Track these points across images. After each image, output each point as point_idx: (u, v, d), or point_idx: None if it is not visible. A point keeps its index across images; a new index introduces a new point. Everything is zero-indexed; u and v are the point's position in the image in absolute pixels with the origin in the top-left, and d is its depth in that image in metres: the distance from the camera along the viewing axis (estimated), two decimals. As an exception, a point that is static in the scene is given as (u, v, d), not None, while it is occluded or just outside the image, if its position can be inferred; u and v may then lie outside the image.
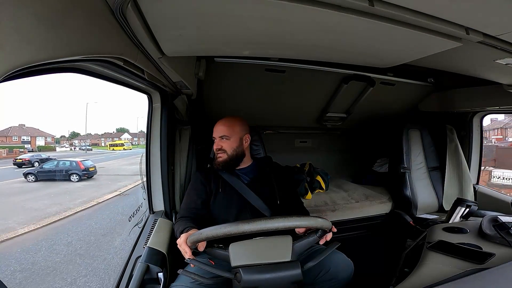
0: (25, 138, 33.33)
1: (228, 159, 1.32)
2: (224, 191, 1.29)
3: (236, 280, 0.87)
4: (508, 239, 1.03)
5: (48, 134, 38.22)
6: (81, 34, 0.57)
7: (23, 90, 55.49)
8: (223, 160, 1.32)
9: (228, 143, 1.33)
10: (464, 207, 1.50)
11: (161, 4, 0.67)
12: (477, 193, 2.07)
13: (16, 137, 31.49)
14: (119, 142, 31.40)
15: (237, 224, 0.85)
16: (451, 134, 2.11)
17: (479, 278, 0.81)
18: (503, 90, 1.53)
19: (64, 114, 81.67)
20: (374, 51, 1.06)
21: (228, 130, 1.33)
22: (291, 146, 2.53)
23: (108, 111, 78.42)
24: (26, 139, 33.23)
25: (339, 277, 1.09)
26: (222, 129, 1.34)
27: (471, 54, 1.06)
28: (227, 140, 1.33)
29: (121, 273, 1.09)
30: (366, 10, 0.71)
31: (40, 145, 30.07)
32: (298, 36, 0.89)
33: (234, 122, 1.36)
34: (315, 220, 0.91)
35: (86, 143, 36.66)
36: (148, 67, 0.99)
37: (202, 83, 1.61)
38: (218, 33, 0.87)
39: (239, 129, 1.35)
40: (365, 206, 2.04)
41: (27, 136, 33.70)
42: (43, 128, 43.18)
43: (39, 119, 70.00)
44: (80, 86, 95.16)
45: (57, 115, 77.43)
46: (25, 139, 33.19)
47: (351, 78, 1.79)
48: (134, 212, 1.71)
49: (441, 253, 1.03)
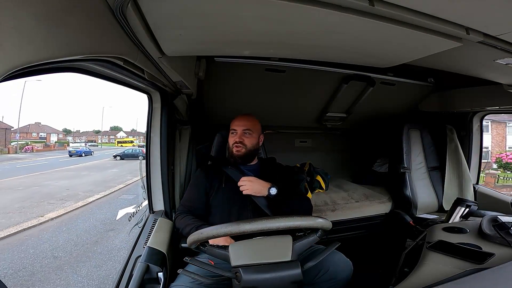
0: (42, 134, 34.90)
1: (246, 154, 1.34)
2: (227, 186, 1.30)
3: (236, 280, 0.87)
4: (508, 239, 1.03)
5: (60, 131, 39.69)
6: (81, 34, 0.57)
7: (21, 90, 55.72)
8: (241, 153, 1.33)
9: (249, 138, 1.35)
10: (464, 207, 1.50)
11: (161, 3, 0.67)
12: (477, 193, 2.07)
13: (35, 133, 33.05)
14: (128, 139, 37.50)
15: (238, 224, 0.85)
16: (451, 134, 2.11)
17: (479, 278, 0.81)
18: (503, 90, 1.53)
19: (60, 112, 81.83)
20: (374, 51, 1.06)
21: (252, 125, 1.36)
22: (291, 146, 2.53)
23: (101, 110, 79.14)
24: (43, 135, 34.76)
25: (338, 277, 1.09)
26: (246, 123, 1.36)
27: (471, 54, 1.06)
28: (250, 135, 1.35)
29: (121, 273, 1.09)
30: (366, 10, 0.71)
31: (57, 141, 32.71)
32: (298, 36, 0.89)
33: (255, 120, 1.39)
34: (315, 220, 0.91)
35: (81, 140, 38.55)
36: (148, 67, 0.99)
37: (202, 83, 1.61)
38: (218, 33, 0.87)
39: (258, 127, 1.39)
40: (365, 206, 2.04)
41: (43, 132, 35.16)
42: (53, 126, 44.07)
43: (38, 117, 70.35)
44: (74, 85, 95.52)
45: (54, 112, 77.58)
46: (42, 135, 34.76)
47: (351, 78, 1.79)
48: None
49: (441, 253, 1.03)
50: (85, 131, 48.29)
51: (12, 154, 23.48)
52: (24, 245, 4.44)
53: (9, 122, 30.65)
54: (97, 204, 7.06)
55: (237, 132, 1.35)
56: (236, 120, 1.38)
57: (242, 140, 1.33)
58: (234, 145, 1.34)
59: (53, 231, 5.05)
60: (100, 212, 6.31)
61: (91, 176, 11.12)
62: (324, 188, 2.18)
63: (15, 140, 27.83)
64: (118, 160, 17.56)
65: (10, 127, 27.76)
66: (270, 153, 1.63)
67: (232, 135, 1.37)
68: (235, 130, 1.35)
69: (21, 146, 26.36)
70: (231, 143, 1.36)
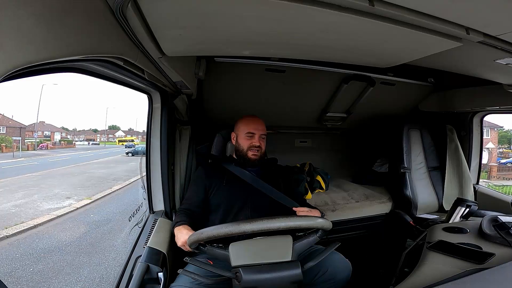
0: (47, 133, 35.67)
1: (261, 157, 1.37)
2: (229, 185, 1.30)
3: (236, 280, 0.87)
4: (508, 239, 1.03)
5: (62, 129, 40.48)
6: (81, 34, 0.57)
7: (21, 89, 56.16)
8: (258, 157, 1.35)
9: (264, 142, 1.38)
10: (464, 207, 1.50)
11: (161, 4, 0.67)
12: (477, 193, 2.07)
13: (40, 132, 33.76)
14: (129, 138, 40.01)
15: (238, 224, 0.85)
16: (451, 134, 2.11)
17: (479, 278, 0.81)
18: (503, 90, 1.53)
19: (57, 110, 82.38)
20: (374, 51, 1.06)
21: (265, 130, 1.38)
22: (291, 146, 2.53)
23: (97, 109, 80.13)
24: (47, 134, 35.53)
25: (337, 278, 1.09)
26: (263, 128, 1.38)
27: (471, 54, 1.06)
28: (264, 139, 1.38)
29: (121, 273, 1.09)
30: (366, 10, 0.71)
31: (61, 139, 33.89)
32: (298, 36, 0.89)
33: (263, 122, 1.40)
34: (315, 220, 0.91)
35: (79, 138, 39.54)
36: (148, 67, 0.99)
37: (202, 83, 1.61)
38: (218, 33, 0.87)
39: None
40: (365, 206, 2.04)
41: (47, 131, 35.93)
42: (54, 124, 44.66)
43: (39, 116, 71.16)
44: (72, 84, 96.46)
45: (51, 111, 78.11)
46: (46, 133, 35.55)
47: (351, 78, 1.79)
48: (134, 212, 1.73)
49: (441, 253, 1.03)
50: (82, 130, 48.50)
51: (31, 151, 24.54)
52: (113, 200, 7.47)
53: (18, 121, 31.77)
54: (135, 184, 9.08)
55: (255, 136, 1.34)
56: (253, 123, 1.37)
57: (260, 144, 1.35)
58: (252, 149, 1.33)
59: (122, 195, 7.99)
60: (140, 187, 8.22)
61: (119, 167, 13.22)
62: (324, 188, 2.18)
63: (31, 138, 29.27)
64: (130, 156, 19.65)
65: (24, 126, 28.61)
66: (270, 153, 1.63)
67: (248, 138, 1.35)
68: (253, 134, 1.35)
69: (36, 144, 27.29)
70: (245, 146, 1.35)
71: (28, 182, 9.14)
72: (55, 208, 6.40)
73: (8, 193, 7.64)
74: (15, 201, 6.83)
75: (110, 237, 4.84)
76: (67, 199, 7.19)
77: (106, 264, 3.78)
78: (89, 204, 6.96)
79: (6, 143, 22.95)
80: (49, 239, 4.78)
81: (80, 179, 10.03)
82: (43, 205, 6.68)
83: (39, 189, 8.18)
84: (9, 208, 6.28)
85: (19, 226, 5.22)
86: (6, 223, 5.28)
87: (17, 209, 6.27)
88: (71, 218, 5.93)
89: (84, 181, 9.56)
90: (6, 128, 26.22)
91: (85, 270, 3.56)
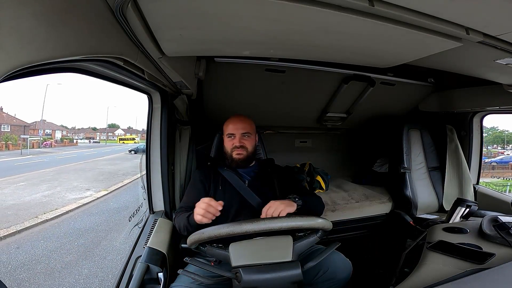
0: (48, 131, 36.10)
1: (247, 157, 1.31)
2: (224, 189, 1.28)
3: (236, 280, 0.87)
4: (508, 239, 1.03)
5: (63, 128, 40.86)
6: (81, 34, 0.57)
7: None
8: (243, 157, 1.30)
9: (249, 141, 1.32)
10: (464, 207, 1.50)
11: (161, 4, 0.67)
12: (477, 193, 2.07)
13: (41, 130, 34.24)
14: (130, 137, 40.15)
15: (239, 224, 0.85)
16: (451, 134, 2.11)
17: (479, 278, 0.81)
18: (503, 90, 1.53)
19: (56, 108, 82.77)
20: (374, 51, 1.06)
21: (249, 127, 1.33)
22: (291, 146, 2.53)
23: (95, 107, 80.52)
24: (48, 132, 35.97)
25: (337, 277, 1.09)
26: (244, 126, 1.32)
27: (471, 54, 1.06)
28: (249, 137, 1.32)
29: (121, 273, 1.09)
30: (366, 10, 0.71)
31: (62, 137, 34.65)
32: (298, 36, 0.89)
33: (250, 120, 1.36)
34: (315, 220, 0.91)
35: (79, 136, 39.83)
36: (148, 67, 0.99)
37: (202, 83, 1.61)
38: (218, 33, 0.87)
39: (254, 127, 1.37)
40: (365, 206, 2.04)
41: (49, 129, 36.37)
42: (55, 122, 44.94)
43: (39, 114, 71.21)
44: (71, 83, 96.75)
45: (50, 109, 78.41)
46: (48, 132, 35.98)
47: (351, 78, 1.79)
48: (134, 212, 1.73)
49: (441, 253, 1.03)
50: (81, 128, 48.57)
51: (36, 148, 24.83)
52: (126, 191, 8.23)
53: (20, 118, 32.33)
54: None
55: (235, 136, 1.31)
56: (231, 123, 1.33)
57: (243, 144, 1.30)
58: (234, 149, 1.30)
59: (133, 188, 8.57)
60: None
61: (124, 164, 13.92)
62: (324, 188, 2.18)
63: (36, 136, 29.80)
64: (133, 154, 20.05)
65: (28, 124, 29.01)
66: (270, 154, 1.62)
67: (229, 139, 1.32)
68: (233, 134, 1.31)
69: (40, 142, 27.72)
70: (229, 148, 1.32)
71: (46, 177, 9.98)
72: (79, 198, 7.28)
73: (32, 186, 8.53)
74: (43, 192, 7.73)
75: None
76: (87, 191, 8.09)
77: (131, 239, 4.14)
78: (107, 194, 7.85)
79: (12, 141, 23.26)
80: (82, 221, 5.72)
81: (92, 174, 10.96)
82: (68, 195, 7.53)
83: (59, 182, 9.08)
84: (40, 198, 7.20)
85: (54, 212, 6.14)
86: (44, 210, 6.22)
87: (48, 198, 7.18)
88: (94, 205, 6.90)
89: (97, 176, 10.52)
90: (10, 126, 26.51)
91: (116, 242, 4.61)
